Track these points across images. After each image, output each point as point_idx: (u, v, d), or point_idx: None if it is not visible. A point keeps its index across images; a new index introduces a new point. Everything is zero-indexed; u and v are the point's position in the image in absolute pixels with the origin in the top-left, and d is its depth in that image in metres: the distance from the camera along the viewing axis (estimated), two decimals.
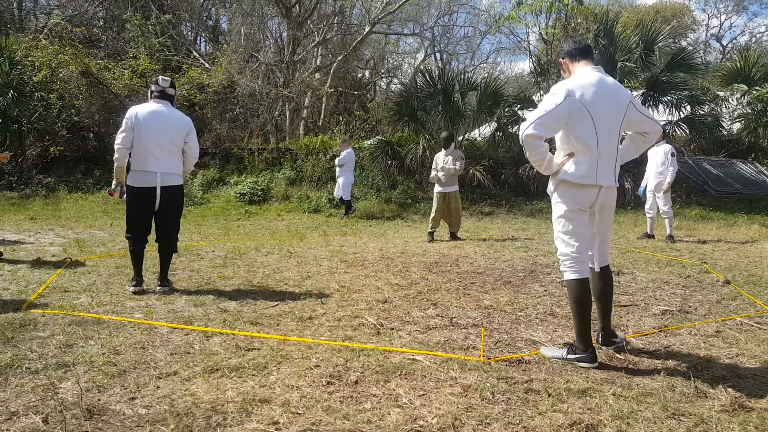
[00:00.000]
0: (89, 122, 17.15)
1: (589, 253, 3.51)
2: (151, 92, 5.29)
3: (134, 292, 5.09)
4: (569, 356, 3.37)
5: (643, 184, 9.80)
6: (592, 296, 3.47)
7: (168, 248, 5.33)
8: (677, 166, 9.33)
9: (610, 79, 3.42)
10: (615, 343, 3.62)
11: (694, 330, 4.14)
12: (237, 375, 3.15)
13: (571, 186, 3.34)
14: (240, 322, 4.23)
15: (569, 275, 3.41)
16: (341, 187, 12.98)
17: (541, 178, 14.55)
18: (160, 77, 5.31)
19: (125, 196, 5.23)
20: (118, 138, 5.04)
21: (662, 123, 15.03)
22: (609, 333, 3.67)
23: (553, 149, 3.47)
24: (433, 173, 9.39)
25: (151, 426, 2.52)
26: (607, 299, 3.61)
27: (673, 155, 9.15)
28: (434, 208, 9.30)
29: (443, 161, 9.21)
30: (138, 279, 5.20)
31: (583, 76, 3.34)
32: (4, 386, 2.94)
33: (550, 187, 3.48)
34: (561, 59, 3.57)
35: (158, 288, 5.21)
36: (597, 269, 3.55)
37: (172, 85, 5.38)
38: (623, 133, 3.52)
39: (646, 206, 9.70)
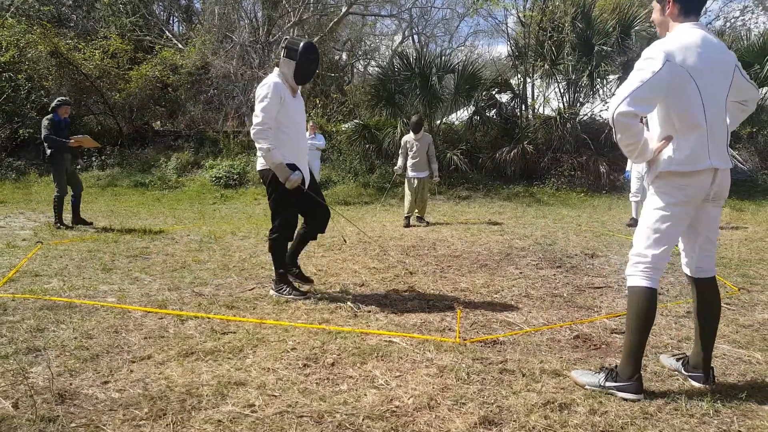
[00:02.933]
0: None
1: (685, 257, 2.94)
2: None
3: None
4: (608, 383, 2.74)
5: (628, 167, 9.62)
6: (694, 313, 2.93)
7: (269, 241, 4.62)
8: None
9: (714, 38, 2.71)
10: (703, 380, 2.86)
11: (666, 311, 4.21)
12: (212, 358, 3.12)
13: (678, 176, 2.66)
14: (215, 305, 4.19)
15: (639, 281, 2.76)
16: (317, 173, 12.87)
17: (518, 162, 14.65)
18: (292, 38, 4.54)
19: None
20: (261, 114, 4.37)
21: None
22: (705, 365, 2.87)
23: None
24: (400, 161, 9.36)
25: (124, 410, 2.49)
26: (710, 317, 2.89)
27: None
28: (407, 193, 9.28)
29: (412, 147, 9.18)
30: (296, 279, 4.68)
31: (684, 35, 2.63)
32: None
33: (649, 178, 2.80)
34: (655, 2, 2.80)
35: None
36: (697, 276, 2.90)
37: (282, 46, 4.56)
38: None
39: (632, 190, 9.32)
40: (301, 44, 4.42)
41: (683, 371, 2.96)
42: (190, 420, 2.42)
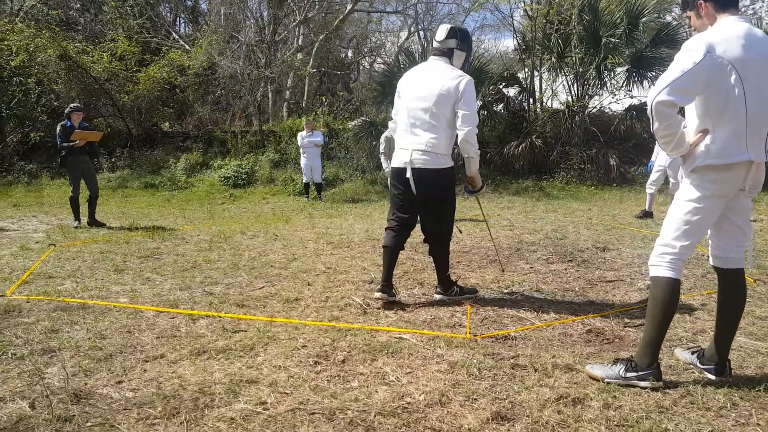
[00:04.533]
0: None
1: (714, 248, 2.87)
2: (432, 49, 4.25)
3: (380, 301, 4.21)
4: (629, 374, 2.74)
5: (653, 158, 9.48)
6: (718, 304, 2.88)
7: (433, 247, 4.34)
8: None
9: (758, 30, 2.65)
10: (719, 373, 2.84)
11: (680, 303, 4.17)
12: (224, 357, 3.14)
13: (714, 170, 2.62)
14: (226, 304, 4.21)
15: (663, 272, 2.73)
16: (319, 171, 12.88)
17: (527, 157, 14.59)
18: (441, 27, 4.18)
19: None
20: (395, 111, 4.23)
21: (645, 99, 15.08)
22: (721, 357, 2.85)
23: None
24: (385, 164, 8.41)
25: (138, 409, 2.51)
26: (734, 310, 2.84)
27: None
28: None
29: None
30: (384, 280, 4.23)
31: (726, 28, 2.59)
32: None
33: (684, 171, 2.76)
34: (702, 1, 2.71)
35: (438, 296, 4.38)
36: (725, 266, 2.83)
37: (452, 36, 4.11)
38: None
39: (650, 181, 9.24)
40: (467, 31, 4.28)
41: (698, 364, 2.93)
42: (203, 418, 2.43)
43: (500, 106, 16.30)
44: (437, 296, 4.36)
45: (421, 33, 28.69)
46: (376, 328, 3.63)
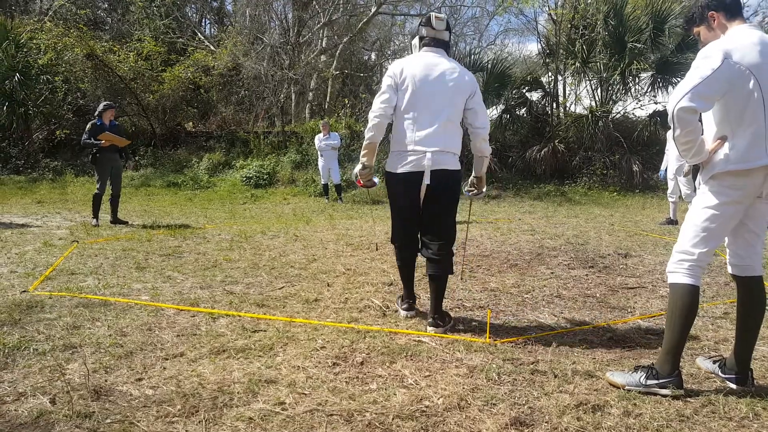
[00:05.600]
0: (95, 105, 17.15)
1: (731, 256, 2.87)
2: (421, 39, 3.78)
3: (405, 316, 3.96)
4: (649, 381, 2.70)
5: (663, 167, 9.52)
6: (738, 313, 2.85)
7: (438, 267, 3.72)
8: None
9: None
10: (741, 382, 2.80)
11: (702, 312, 4.11)
12: (243, 356, 3.15)
13: (733, 176, 2.60)
14: (246, 304, 4.23)
15: (682, 278, 2.71)
16: (336, 173, 12.91)
17: (549, 161, 14.49)
18: (432, 15, 3.78)
19: (377, 183, 3.96)
20: (376, 102, 3.65)
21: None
22: (743, 367, 2.81)
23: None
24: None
25: (157, 406, 2.53)
26: (755, 319, 2.79)
27: None
28: None
29: None
30: (409, 297, 3.99)
31: (740, 36, 2.60)
32: (11, 367, 2.95)
33: (702, 178, 2.73)
34: (712, 11, 2.73)
35: (430, 328, 3.66)
36: (744, 274, 2.83)
37: (448, 28, 3.84)
38: None
39: (668, 191, 9.25)
40: None
41: (720, 374, 2.89)
42: (221, 417, 2.44)
43: (523, 110, 16.23)
44: (430, 329, 3.63)
45: None
46: (395, 331, 3.61)
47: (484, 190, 4.09)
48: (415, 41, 3.82)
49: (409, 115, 3.63)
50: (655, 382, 2.70)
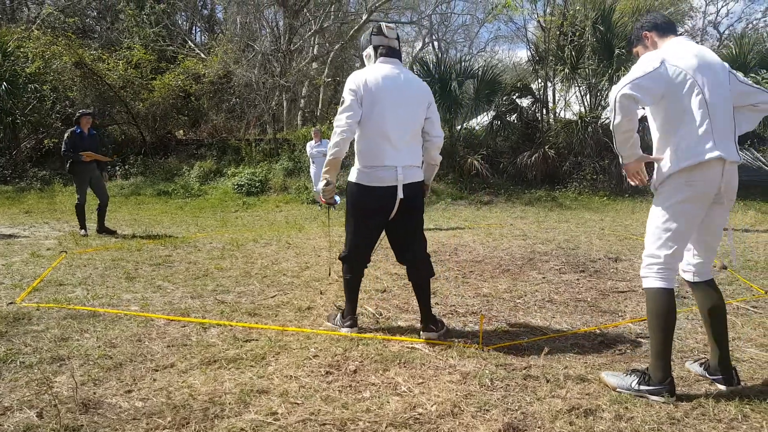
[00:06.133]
0: None
1: (687, 263, 2.91)
2: (376, 49, 3.69)
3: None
4: (641, 387, 2.70)
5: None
6: (704, 317, 2.91)
7: (425, 271, 3.74)
8: None
9: (701, 46, 2.89)
10: (728, 383, 2.83)
11: (691, 315, 4.12)
12: (235, 366, 3.12)
13: (687, 172, 2.66)
14: (238, 313, 4.20)
15: (654, 282, 2.77)
16: None
17: (539, 167, 14.54)
18: (383, 24, 3.73)
19: (338, 202, 3.88)
20: (341, 118, 3.50)
21: None
22: (725, 368, 2.85)
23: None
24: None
25: (147, 419, 2.49)
26: (720, 317, 2.87)
27: None
28: None
29: None
30: (353, 313, 3.82)
31: (675, 45, 2.79)
32: None
33: (656, 182, 2.81)
34: (645, 32, 2.94)
35: (424, 334, 3.64)
36: (697, 280, 2.91)
37: (398, 38, 3.79)
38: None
39: None
40: None
41: (707, 375, 2.93)
42: (213, 428, 2.41)
43: (514, 116, 16.30)
44: (425, 335, 3.62)
45: (436, 43, 28.75)
46: (388, 338, 3.60)
47: (427, 195, 3.97)
48: (368, 51, 3.72)
49: (378, 130, 3.52)
50: (647, 388, 2.71)
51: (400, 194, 3.53)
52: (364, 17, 21.37)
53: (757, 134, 15.80)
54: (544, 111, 16.33)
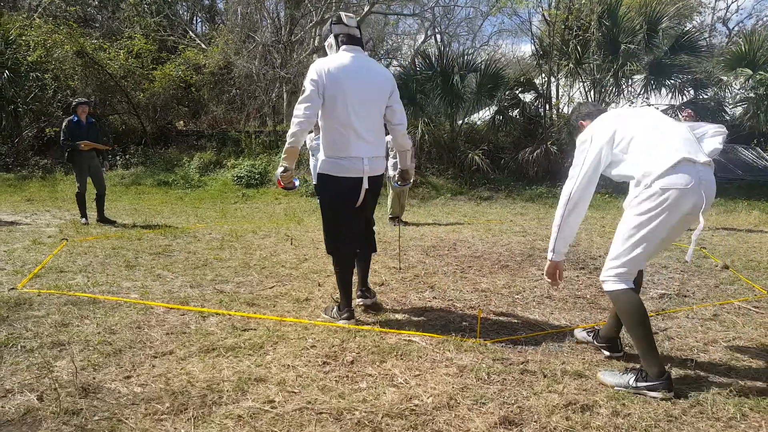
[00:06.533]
0: None
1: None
2: (336, 37, 3.73)
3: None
4: (639, 384, 2.72)
5: None
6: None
7: (370, 250, 4.14)
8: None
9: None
10: (614, 350, 3.22)
11: (692, 314, 4.13)
12: (233, 354, 3.14)
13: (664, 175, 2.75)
14: (236, 303, 4.22)
15: (620, 285, 2.85)
16: None
17: (541, 163, 14.54)
18: (342, 13, 3.80)
19: (297, 186, 3.75)
20: (300, 108, 3.50)
21: (664, 107, 14.79)
22: (614, 338, 3.25)
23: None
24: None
25: (146, 404, 2.51)
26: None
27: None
28: (390, 192, 9.11)
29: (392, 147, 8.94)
30: (349, 305, 3.82)
31: (599, 119, 3.04)
32: None
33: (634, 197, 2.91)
34: (581, 121, 3.25)
35: (360, 300, 4.08)
36: (636, 286, 3.04)
37: (358, 27, 3.84)
38: None
39: None
40: None
41: (595, 342, 3.32)
42: (210, 415, 2.43)
43: (516, 111, 16.23)
44: (360, 300, 4.06)
45: (438, 36, 28.68)
46: (385, 330, 3.61)
47: (411, 180, 4.26)
48: (330, 41, 3.75)
49: (343, 120, 3.57)
50: (645, 384, 2.71)
51: (366, 185, 3.66)
52: (366, 8, 21.30)
53: (763, 133, 15.78)
54: (547, 106, 16.29)
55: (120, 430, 2.29)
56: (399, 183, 4.23)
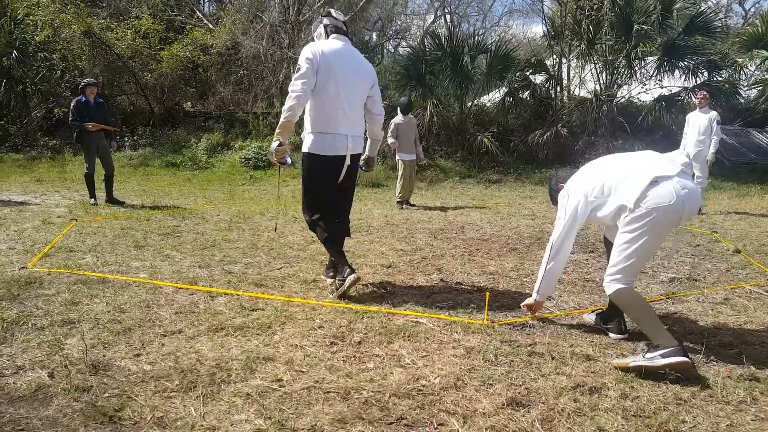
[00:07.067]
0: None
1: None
2: (326, 27, 4.04)
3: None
4: (654, 353, 2.73)
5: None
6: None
7: (347, 225, 4.24)
8: (721, 135, 8.84)
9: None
10: (620, 332, 3.30)
11: (702, 297, 4.11)
12: (241, 334, 3.15)
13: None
14: (244, 283, 4.23)
15: (619, 285, 2.96)
16: None
17: (551, 146, 14.42)
18: (331, 9, 4.16)
19: (289, 163, 3.93)
20: (296, 83, 3.74)
21: (677, 89, 14.55)
22: (618, 320, 3.35)
23: None
24: (391, 140, 8.95)
25: (155, 381, 2.53)
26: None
27: (718, 123, 8.68)
28: (401, 175, 9.05)
29: (401, 128, 8.97)
30: (347, 264, 3.94)
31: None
32: (10, 342, 2.95)
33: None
34: (560, 184, 3.42)
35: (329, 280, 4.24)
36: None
37: (345, 22, 4.15)
38: None
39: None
40: None
41: (602, 325, 3.38)
42: (219, 392, 2.44)
43: (526, 93, 16.04)
44: (327, 279, 4.25)
45: (448, 17, 28.40)
46: (393, 312, 3.61)
47: (374, 168, 4.56)
48: (320, 31, 4.07)
49: (332, 99, 3.84)
50: (660, 352, 2.70)
51: (348, 161, 3.95)
52: None
53: None
54: (558, 88, 16.11)
55: (130, 407, 2.30)
56: (363, 168, 4.38)
